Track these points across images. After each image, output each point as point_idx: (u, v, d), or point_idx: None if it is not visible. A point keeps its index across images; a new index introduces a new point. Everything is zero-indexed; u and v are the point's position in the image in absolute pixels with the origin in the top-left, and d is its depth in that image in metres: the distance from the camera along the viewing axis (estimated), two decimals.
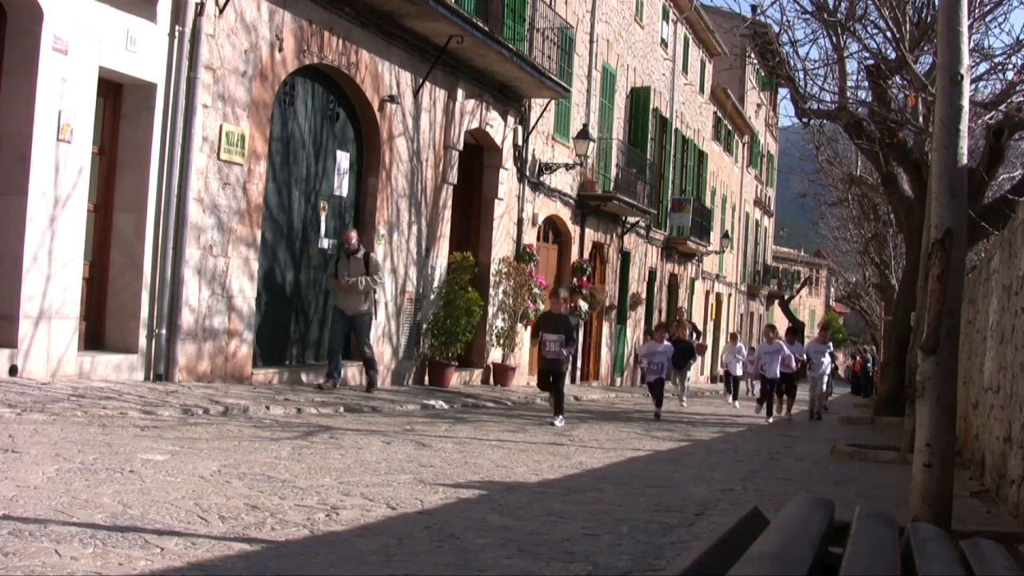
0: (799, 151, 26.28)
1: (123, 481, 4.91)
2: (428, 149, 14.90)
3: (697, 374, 30.81)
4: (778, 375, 16.05)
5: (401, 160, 14.18)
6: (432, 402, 11.85)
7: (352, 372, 13.04)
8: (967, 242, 6.29)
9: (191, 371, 10.33)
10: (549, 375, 11.23)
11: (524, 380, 18.58)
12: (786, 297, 51.29)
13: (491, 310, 17.01)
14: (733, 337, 24.20)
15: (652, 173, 25.57)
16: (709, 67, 33.38)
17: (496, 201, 17.28)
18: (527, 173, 18.37)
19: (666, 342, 14.83)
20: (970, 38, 9.43)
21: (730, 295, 39.33)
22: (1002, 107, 11.64)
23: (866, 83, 14.02)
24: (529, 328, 18.42)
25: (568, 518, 5.01)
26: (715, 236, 34.13)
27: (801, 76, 14.54)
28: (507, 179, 17.60)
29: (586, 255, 21.73)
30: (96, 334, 9.79)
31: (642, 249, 26.48)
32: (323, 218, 12.98)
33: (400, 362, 14.54)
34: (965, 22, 4.96)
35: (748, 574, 2.33)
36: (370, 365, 12.28)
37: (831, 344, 18.62)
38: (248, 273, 11.15)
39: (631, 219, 24.61)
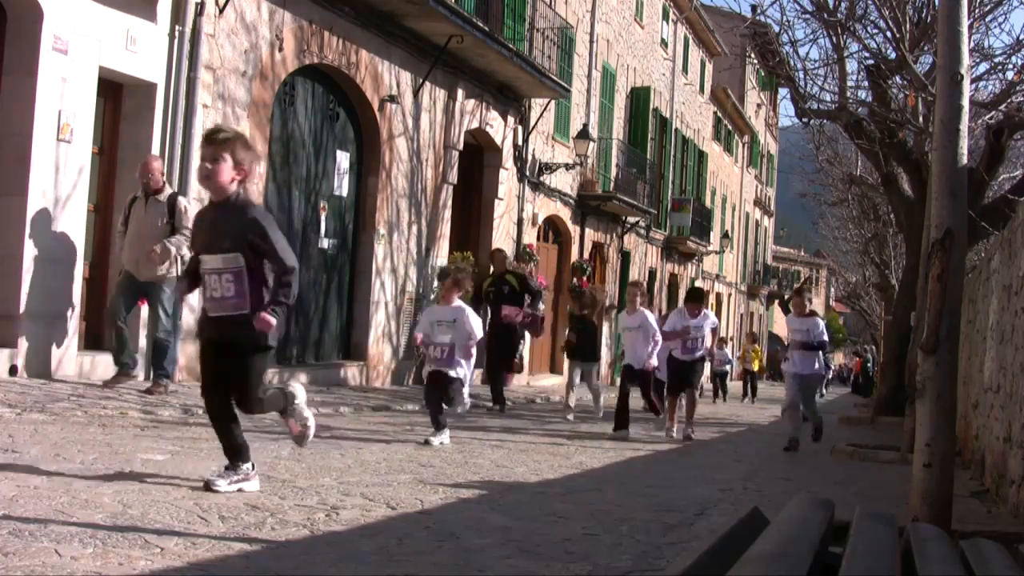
0: (799, 151, 26.29)
1: (123, 481, 4.91)
2: (428, 149, 14.90)
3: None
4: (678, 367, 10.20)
5: (401, 160, 14.18)
6: None
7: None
8: (967, 242, 6.29)
9: (191, 371, 10.32)
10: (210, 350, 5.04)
11: (524, 380, 18.57)
12: (786, 297, 51.19)
13: None
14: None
15: (652, 173, 25.58)
16: (709, 67, 33.39)
17: (496, 201, 17.28)
18: (527, 173, 18.38)
19: (457, 301, 7.89)
20: (970, 38, 9.43)
21: (730, 295, 39.32)
22: (1002, 107, 11.63)
23: (866, 83, 14.01)
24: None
25: (568, 518, 5.01)
26: (715, 236, 34.13)
27: (801, 76, 14.54)
28: (507, 179, 17.60)
29: (586, 255, 21.73)
30: (96, 334, 9.79)
31: (642, 249, 26.48)
32: (323, 218, 12.98)
33: (400, 362, 14.54)
34: (965, 22, 4.96)
35: (748, 574, 2.33)
36: (161, 355, 8.81)
37: (820, 322, 10.37)
38: None
39: (631, 219, 24.62)
